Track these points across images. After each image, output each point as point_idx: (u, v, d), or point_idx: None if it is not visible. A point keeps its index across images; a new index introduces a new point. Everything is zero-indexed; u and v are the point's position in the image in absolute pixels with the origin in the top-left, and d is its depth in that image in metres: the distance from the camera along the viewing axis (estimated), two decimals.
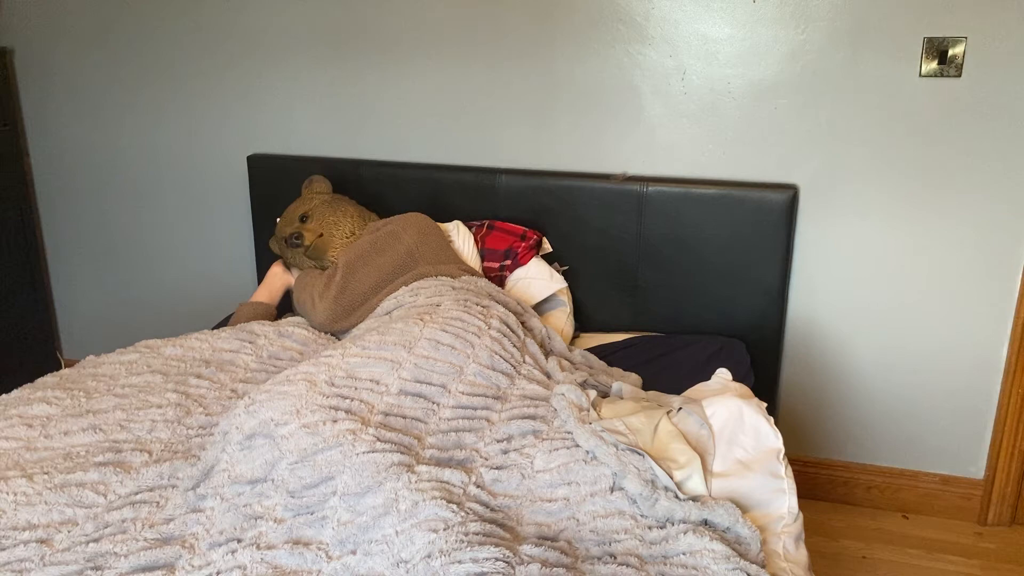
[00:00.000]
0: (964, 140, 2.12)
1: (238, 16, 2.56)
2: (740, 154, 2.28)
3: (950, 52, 2.06)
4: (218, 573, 1.26)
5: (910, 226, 2.21)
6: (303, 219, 2.23)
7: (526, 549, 1.23)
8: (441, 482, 1.37)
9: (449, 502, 1.30)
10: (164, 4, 2.62)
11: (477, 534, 1.24)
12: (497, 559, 1.18)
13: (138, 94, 2.74)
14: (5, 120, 2.80)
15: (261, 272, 2.68)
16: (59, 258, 3.02)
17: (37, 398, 1.67)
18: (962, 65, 2.07)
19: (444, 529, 1.24)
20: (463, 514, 1.28)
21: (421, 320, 1.77)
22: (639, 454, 1.45)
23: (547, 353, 1.93)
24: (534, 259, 2.28)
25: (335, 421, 1.46)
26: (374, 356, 1.65)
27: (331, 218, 2.21)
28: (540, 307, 2.25)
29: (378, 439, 1.43)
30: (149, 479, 1.48)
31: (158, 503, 1.42)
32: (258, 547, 1.30)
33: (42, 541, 1.32)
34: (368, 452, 1.40)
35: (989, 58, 2.05)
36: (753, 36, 2.19)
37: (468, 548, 1.20)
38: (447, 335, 1.72)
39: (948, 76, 2.08)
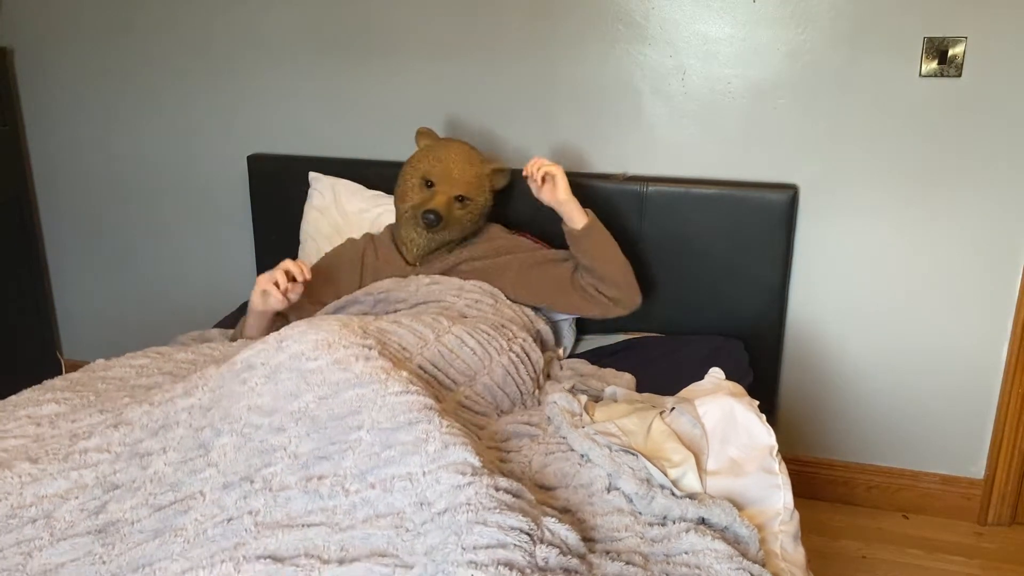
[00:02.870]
0: (964, 140, 2.12)
1: (238, 15, 2.56)
2: (740, 154, 2.27)
3: (950, 52, 2.06)
4: (229, 520, 1.22)
5: (910, 226, 2.21)
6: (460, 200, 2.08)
7: (549, 523, 1.20)
8: (468, 434, 1.35)
9: (477, 453, 1.29)
10: (164, 4, 2.62)
11: (507, 492, 1.21)
12: (522, 531, 1.14)
13: (138, 94, 2.74)
14: (5, 120, 2.80)
15: (261, 271, 2.67)
16: (59, 258, 3.03)
17: (46, 399, 1.66)
18: (962, 65, 2.07)
19: (472, 474, 1.22)
20: (488, 467, 1.26)
21: (451, 319, 1.80)
22: (632, 454, 1.45)
23: (548, 377, 1.95)
24: None
25: (367, 359, 1.43)
26: (405, 327, 1.67)
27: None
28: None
29: (412, 382, 1.41)
30: (153, 423, 1.44)
31: (164, 448, 1.38)
32: (271, 489, 1.26)
33: (49, 516, 1.30)
34: (403, 392, 1.37)
35: (989, 58, 2.05)
36: (753, 36, 2.19)
37: (497, 510, 1.16)
38: (472, 339, 1.74)
39: (948, 76, 2.08)
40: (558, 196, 2.02)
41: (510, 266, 2.10)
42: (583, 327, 2.37)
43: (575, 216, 2.03)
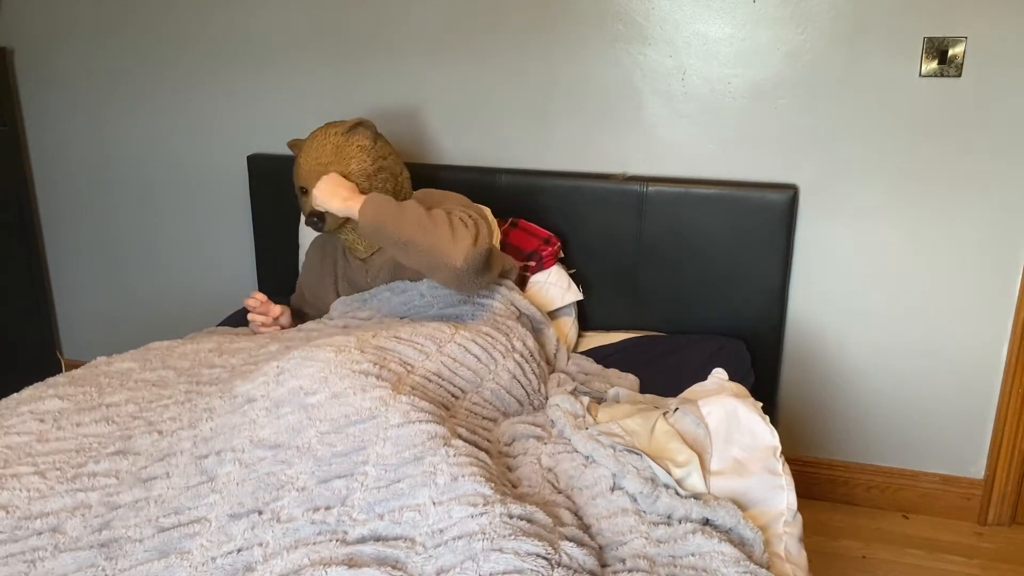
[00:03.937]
0: (964, 140, 2.12)
1: (238, 16, 2.56)
2: (740, 154, 2.28)
3: (950, 52, 2.06)
4: (239, 551, 1.22)
5: (910, 226, 2.21)
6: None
7: (566, 548, 1.20)
8: (477, 458, 1.34)
9: (488, 480, 1.28)
10: (164, 4, 2.62)
11: (522, 519, 1.20)
12: (539, 556, 1.14)
13: (138, 94, 2.74)
14: (5, 120, 2.80)
15: (261, 271, 2.68)
16: (59, 258, 3.03)
17: (49, 395, 1.66)
18: (962, 65, 2.07)
19: (484, 503, 1.21)
20: (500, 495, 1.26)
21: (453, 327, 1.78)
22: (636, 454, 1.45)
23: (552, 370, 1.94)
24: (555, 266, 2.26)
25: (364, 389, 1.43)
26: (406, 341, 1.66)
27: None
28: (549, 313, 2.23)
29: (412, 407, 1.41)
30: (158, 452, 1.45)
31: (168, 474, 1.39)
32: (279, 520, 1.26)
33: (55, 529, 1.30)
34: (404, 424, 1.37)
35: (989, 58, 2.05)
36: (753, 36, 2.19)
37: (512, 537, 1.16)
38: (476, 346, 1.73)
39: (948, 76, 2.08)
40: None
41: None
42: (583, 326, 2.37)
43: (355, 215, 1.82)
